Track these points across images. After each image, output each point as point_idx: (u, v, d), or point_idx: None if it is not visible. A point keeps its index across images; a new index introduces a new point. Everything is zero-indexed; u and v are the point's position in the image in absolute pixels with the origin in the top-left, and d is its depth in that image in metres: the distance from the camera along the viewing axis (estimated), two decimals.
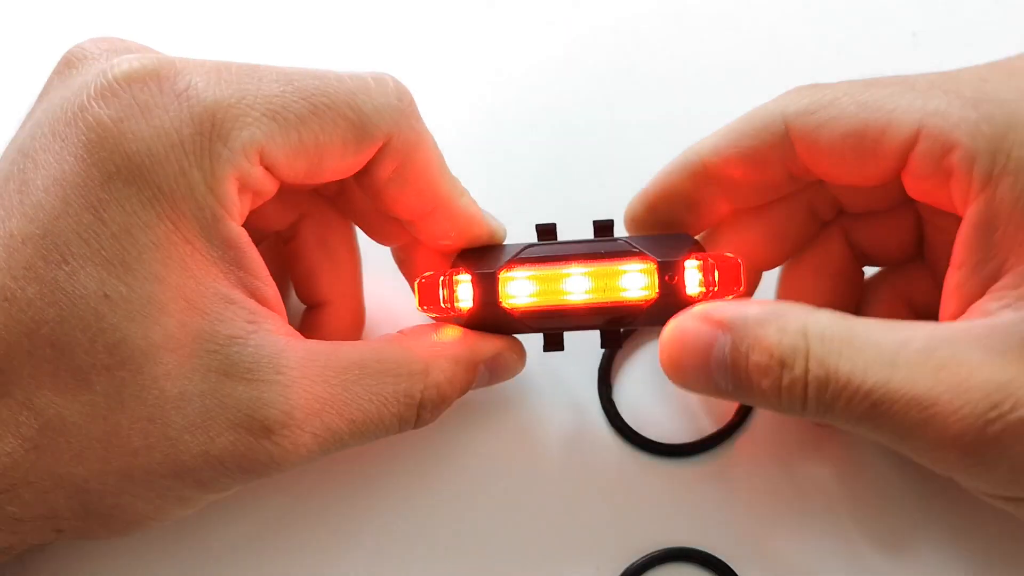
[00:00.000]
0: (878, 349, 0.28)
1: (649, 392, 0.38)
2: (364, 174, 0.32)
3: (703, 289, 0.33)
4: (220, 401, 0.28)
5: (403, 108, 0.31)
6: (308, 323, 0.37)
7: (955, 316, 0.29)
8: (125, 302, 0.27)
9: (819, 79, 0.34)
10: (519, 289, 0.33)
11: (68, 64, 0.30)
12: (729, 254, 0.33)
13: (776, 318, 0.29)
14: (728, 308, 0.30)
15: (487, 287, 0.33)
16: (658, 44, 0.44)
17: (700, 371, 0.30)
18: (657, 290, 0.32)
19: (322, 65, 0.31)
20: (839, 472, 0.36)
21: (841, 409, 0.28)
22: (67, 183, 0.27)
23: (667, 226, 0.35)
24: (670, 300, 0.32)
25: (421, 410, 0.32)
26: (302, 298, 0.37)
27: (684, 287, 0.32)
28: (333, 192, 0.36)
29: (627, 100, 0.43)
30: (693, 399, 0.38)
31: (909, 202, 0.34)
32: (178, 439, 0.28)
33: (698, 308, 0.31)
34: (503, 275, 0.33)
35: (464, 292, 0.34)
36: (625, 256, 0.33)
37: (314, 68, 0.30)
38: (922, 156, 0.30)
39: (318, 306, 0.37)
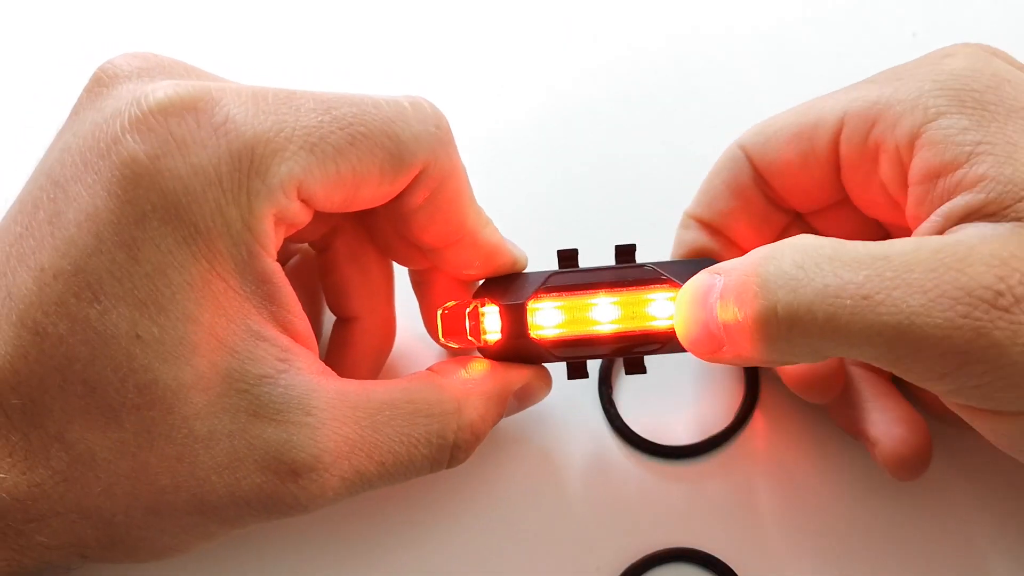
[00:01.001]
0: (867, 248, 0.27)
1: (649, 394, 0.38)
2: (394, 201, 0.31)
3: None
4: (248, 442, 0.28)
5: (440, 136, 0.30)
6: (338, 337, 0.36)
7: None
8: (157, 343, 0.27)
9: (820, 80, 0.34)
10: (547, 319, 0.33)
11: (99, 83, 0.29)
12: None
13: (764, 247, 0.29)
14: (733, 259, 0.30)
15: (516, 318, 0.33)
16: (671, 56, 0.44)
17: (700, 323, 0.29)
18: None
19: (348, 85, 0.30)
20: (838, 473, 0.36)
21: (825, 312, 0.26)
22: (100, 220, 0.27)
23: None
24: None
25: (455, 450, 0.31)
26: (333, 310, 0.37)
27: None
28: (360, 212, 0.35)
29: (647, 123, 0.43)
30: (694, 400, 0.38)
31: (887, 235, 0.35)
32: (205, 479, 0.27)
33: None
34: (531, 305, 0.33)
35: (491, 323, 0.33)
36: (652, 283, 0.33)
37: (350, 93, 0.30)
38: (849, 139, 0.31)
39: (349, 320, 0.36)
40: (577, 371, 0.34)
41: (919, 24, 0.43)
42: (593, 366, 0.38)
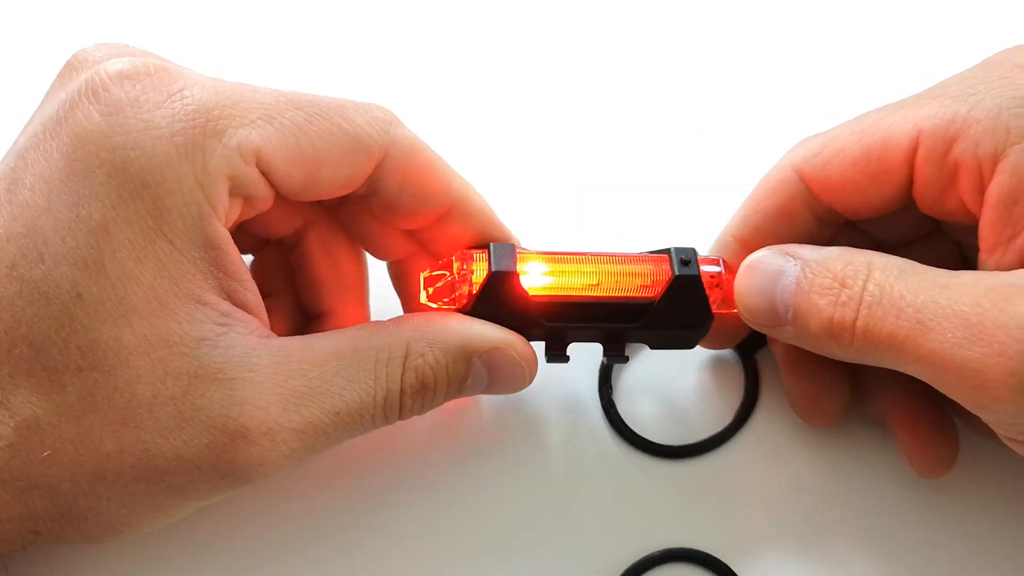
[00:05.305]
0: (933, 275, 0.28)
1: (649, 394, 0.38)
2: (373, 193, 0.31)
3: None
4: (192, 404, 0.27)
5: (391, 119, 0.31)
6: (311, 333, 0.36)
7: None
8: (97, 303, 0.26)
9: (820, 80, 0.34)
10: (533, 269, 0.32)
11: (70, 68, 0.30)
12: None
13: (846, 252, 0.30)
14: (804, 246, 0.32)
15: (503, 258, 0.31)
16: (669, 53, 0.44)
17: (765, 297, 0.31)
18: (670, 273, 0.32)
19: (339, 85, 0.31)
20: (837, 474, 0.36)
21: (889, 328, 0.28)
22: (51, 181, 0.27)
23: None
24: (684, 286, 0.32)
25: (403, 397, 0.30)
26: (306, 306, 0.36)
27: (699, 271, 0.32)
28: (333, 204, 0.35)
29: (640, 121, 0.43)
30: (694, 400, 0.38)
31: (939, 229, 0.34)
32: (151, 442, 0.27)
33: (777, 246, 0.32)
34: (520, 251, 0.32)
35: (478, 267, 0.32)
36: (640, 258, 0.33)
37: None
38: (926, 158, 0.30)
39: (322, 316, 0.36)
40: (556, 351, 0.33)
41: (919, 24, 0.43)
42: (592, 365, 0.38)
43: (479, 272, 0.32)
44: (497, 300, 0.31)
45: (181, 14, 0.47)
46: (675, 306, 0.32)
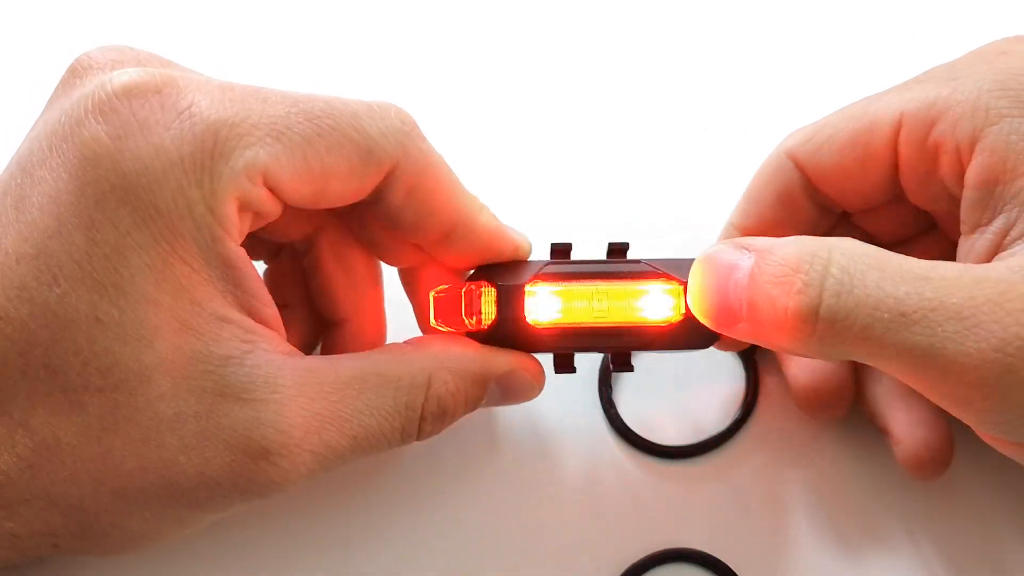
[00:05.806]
0: (909, 264, 0.26)
1: (650, 394, 0.37)
2: (377, 203, 0.31)
3: None
4: (216, 422, 0.27)
5: (407, 130, 0.30)
6: (328, 341, 0.36)
7: None
8: (117, 326, 0.26)
9: (824, 80, 0.34)
10: (543, 304, 0.32)
11: (73, 74, 0.29)
12: None
13: (804, 239, 0.28)
14: (761, 237, 0.29)
15: (512, 300, 0.32)
16: (674, 53, 0.44)
17: (719, 294, 0.28)
18: (683, 312, 0.32)
19: (329, 89, 0.30)
20: (837, 474, 0.36)
21: (865, 319, 0.26)
22: (61, 202, 0.26)
23: None
24: (694, 322, 0.31)
25: (422, 423, 0.30)
26: (321, 313, 0.36)
27: None
28: (343, 211, 0.34)
29: (645, 120, 0.42)
30: (694, 401, 0.38)
31: (935, 225, 0.34)
32: (173, 461, 0.27)
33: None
34: (528, 289, 0.32)
35: (486, 306, 0.32)
36: (650, 277, 0.32)
37: (318, 93, 0.29)
38: (908, 139, 0.30)
39: (337, 323, 0.35)
40: (564, 365, 0.33)
41: (919, 24, 0.43)
42: (592, 365, 0.38)
43: (487, 315, 0.32)
44: (506, 337, 0.32)
45: (190, 6, 0.47)
46: (681, 335, 0.32)
